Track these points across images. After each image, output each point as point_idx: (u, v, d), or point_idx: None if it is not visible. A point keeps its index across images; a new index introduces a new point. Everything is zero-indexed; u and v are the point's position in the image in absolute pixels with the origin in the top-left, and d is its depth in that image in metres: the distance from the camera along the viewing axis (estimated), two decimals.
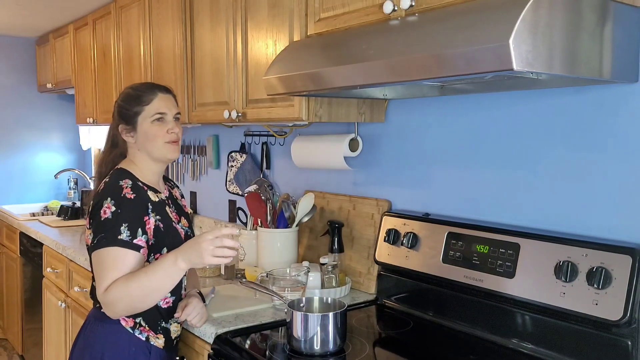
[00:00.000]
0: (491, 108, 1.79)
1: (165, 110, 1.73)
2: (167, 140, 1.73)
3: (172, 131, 1.73)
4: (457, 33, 1.26)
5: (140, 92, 1.74)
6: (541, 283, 1.53)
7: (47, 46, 4.61)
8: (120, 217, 1.60)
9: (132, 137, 1.74)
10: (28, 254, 3.86)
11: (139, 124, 1.72)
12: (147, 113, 1.71)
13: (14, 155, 4.83)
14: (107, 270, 1.57)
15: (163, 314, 1.73)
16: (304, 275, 1.94)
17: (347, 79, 1.52)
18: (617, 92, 1.48)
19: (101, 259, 1.59)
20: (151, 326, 1.70)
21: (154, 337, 1.71)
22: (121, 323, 1.67)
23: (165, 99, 1.75)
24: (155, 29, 2.92)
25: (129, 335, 1.67)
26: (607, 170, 1.51)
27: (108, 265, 1.57)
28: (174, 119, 1.76)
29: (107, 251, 1.58)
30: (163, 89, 1.77)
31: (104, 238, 1.58)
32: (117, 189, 1.65)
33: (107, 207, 1.61)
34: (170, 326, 1.75)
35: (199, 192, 3.40)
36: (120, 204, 1.62)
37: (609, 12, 1.33)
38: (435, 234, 1.84)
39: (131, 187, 1.66)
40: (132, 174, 1.72)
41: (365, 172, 2.25)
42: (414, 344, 1.74)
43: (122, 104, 1.75)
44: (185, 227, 1.83)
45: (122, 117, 1.75)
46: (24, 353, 4.08)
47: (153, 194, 1.73)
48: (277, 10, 2.03)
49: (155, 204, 1.71)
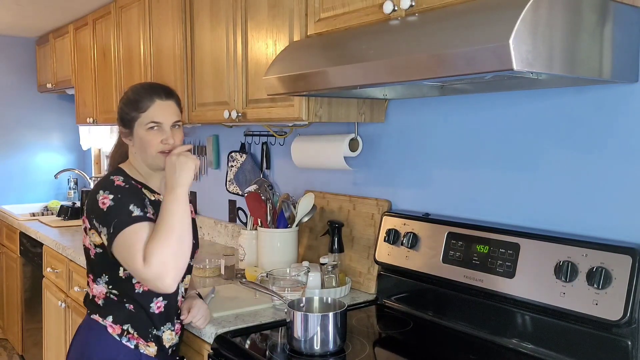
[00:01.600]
0: (491, 108, 1.79)
1: (161, 119, 1.66)
2: (161, 150, 1.67)
3: (166, 142, 1.66)
4: (457, 33, 1.26)
5: (139, 96, 1.68)
6: (541, 283, 1.53)
7: (47, 46, 4.61)
8: (124, 200, 1.58)
9: (130, 141, 1.72)
10: (28, 254, 3.86)
11: (135, 130, 1.68)
12: (142, 120, 1.66)
13: (14, 155, 4.83)
14: (135, 248, 1.52)
15: (155, 320, 1.67)
16: (304, 275, 1.94)
17: (347, 79, 1.52)
18: (617, 92, 1.48)
19: (126, 240, 1.53)
20: (141, 334, 1.65)
21: (144, 345, 1.66)
22: (108, 330, 1.63)
23: (164, 106, 1.68)
24: (155, 29, 2.92)
25: (116, 342, 1.63)
26: (607, 170, 1.51)
27: (135, 243, 1.52)
28: (174, 126, 1.69)
29: (128, 231, 1.53)
30: (163, 94, 1.69)
31: (119, 221, 1.54)
32: (108, 182, 1.64)
33: (103, 198, 1.59)
34: (163, 334, 1.70)
35: (199, 192, 3.40)
36: (117, 192, 1.60)
37: (609, 12, 1.33)
38: (435, 234, 1.84)
39: (123, 180, 1.66)
40: (126, 173, 1.71)
41: (365, 172, 2.25)
42: (414, 344, 1.74)
43: (122, 107, 1.72)
44: None
45: (121, 120, 1.72)
46: (24, 353, 4.08)
47: (149, 193, 1.71)
48: (277, 10, 2.03)
49: (150, 200, 1.68)
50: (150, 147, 1.67)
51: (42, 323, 3.56)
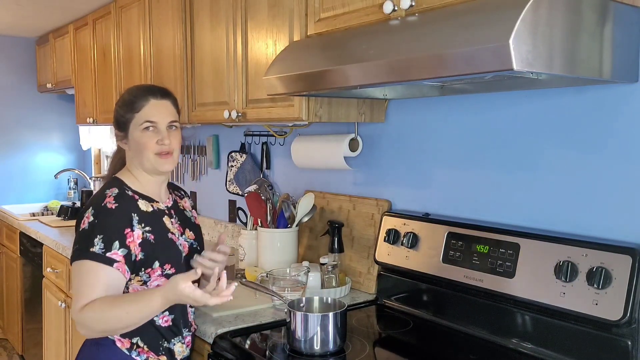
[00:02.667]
0: (491, 108, 1.79)
1: (156, 118, 1.61)
2: (157, 151, 1.61)
3: (162, 142, 1.60)
4: (457, 33, 1.26)
5: (134, 97, 1.63)
6: (541, 283, 1.53)
7: (47, 46, 4.61)
8: (96, 228, 1.51)
9: (126, 145, 1.65)
10: (28, 254, 3.86)
11: (130, 132, 1.62)
12: (137, 120, 1.61)
13: (14, 155, 4.83)
14: (81, 286, 1.49)
15: (163, 333, 1.62)
16: (304, 275, 1.94)
17: (347, 79, 1.52)
18: (617, 92, 1.48)
19: (76, 272, 1.52)
20: (151, 347, 1.60)
21: (154, 358, 1.60)
22: (117, 344, 1.57)
23: (159, 105, 1.62)
24: (155, 29, 2.92)
25: (126, 357, 1.57)
26: (607, 170, 1.51)
27: (81, 280, 1.50)
28: (170, 127, 1.63)
29: (80, 264, 1.50)
30: (158, 93, 1.64)
31: (78, 250, 1.52)
32: (100, 198, 1.57)
33: (86, 217, 1.54)
34: (174, 346, 1.65)
35: (199, 192, 3.40)
36: (98, 214, 1.53)
37: (609, 12, 1.33)
38: (435, 234, 1.84)
39: (115, 196, 1.57)
40: (123, 182, 1.63)
41: (365, 172, 2.25)
42: (414, 344, 1.74)
43: (117, 109, 1.66)
44: (191, 239, 1.73)
45: (117, 123, 1.66)
46: (24, 353, 4.08)
47: (145, 204, 1.63)
48: (277, 10, 2.03)
49: (145, 214, 1.60)
50: (146, 149, 1.61)
51: (42, 323, 3.56)
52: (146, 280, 1.58)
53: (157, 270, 1.59)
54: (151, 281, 1.59)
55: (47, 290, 3.47)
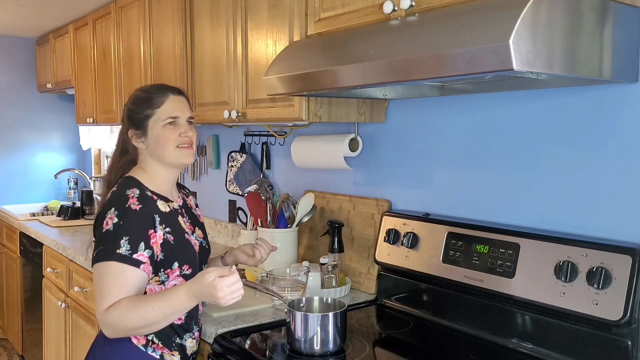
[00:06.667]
0: (491, 108, 1.79)
1: (178, 113, 1.63)
2: (180, 144, 1.63)
3: (185, 134, 1.63)
4: (457, 33, 1.26)
5: (151, 94, 1.64)
6: (541, 283, 1.53)
7: (47, 46, 4.61)
8: (122, 230, 1.51)
9: (143, 143, 1.64)
10: (28, 254, 3.86)
11: (149, 128, 1.62)
12: (158, 116, 1.62)
13: (14, 155, 4.83)
14: (106, 287, 1.49)
15: (177, 330, 1.63)
16: (304, 275, 1.94)
17: (347, 79, 1.52)
18: (617, 92, 1.48)
19: (100, 274, 1.51)
20: (165, 343, 1.61)
21: (168, 354, 1.61)
22: (132, 341, 1.57)
23: (178, 100, 1.65)
24: (155, 29, 2.92)
25: (142, 353, 1.58)
26: (607, 170, 1.51)
27: (108, 282, 1.50)
28: (187, 122, 1.66)
29: (105, 266, 1.50)
30: (175, 90, 1.67)
31: (102, 251, 1.51)
32: (122, 199, 1.56)
33: (109, 218, 1.53)
34: (186, 342, 1.66)
35: (199, 192, 3.40)
36: (123, 216, 1.53)
37: (609, 12, 1.33)
38: (435, 234, 1.84)
39: (138, 197, 1.57)
40: (140, 183, 1.62)
41: (365, 172, 2.25)
42: (414, 344, 1.74)
43: (131, 107, 1.65)
44: (200, 238, 1.74)
45: (132, 121, 1.64)
46: (24, 353, 4.08)
47: (163, 204, 1.63)
48: (277, 10, 2.03)
49: (164, 215, 1.61)
50: (169, 143, 1.62)
51: (42, 323, 3.56)
52: (164, 281, 1.59)
53: (176, 270, 1.60)
54: (169, 281, 1.60)
55: (47, 290, 3.47)
